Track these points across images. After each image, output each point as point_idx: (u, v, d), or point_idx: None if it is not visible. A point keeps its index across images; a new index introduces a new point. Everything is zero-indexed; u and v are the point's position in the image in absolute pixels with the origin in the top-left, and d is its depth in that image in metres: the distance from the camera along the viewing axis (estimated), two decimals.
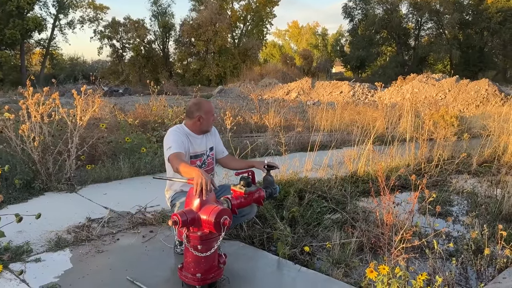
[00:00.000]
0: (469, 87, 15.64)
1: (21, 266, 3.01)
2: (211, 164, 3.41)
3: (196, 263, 2.57)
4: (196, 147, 3.27)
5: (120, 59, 37.28)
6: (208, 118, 3.28)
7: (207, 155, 3.37)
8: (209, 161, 3.38)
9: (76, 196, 4.74)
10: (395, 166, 5.54)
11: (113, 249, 3.37)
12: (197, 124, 3.25)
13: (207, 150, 3.36)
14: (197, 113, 3.23)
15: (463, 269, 3.07)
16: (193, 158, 3.26)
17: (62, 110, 5.02)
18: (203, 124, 3.26)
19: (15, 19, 29.57)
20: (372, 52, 41.54)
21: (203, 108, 3.26)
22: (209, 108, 3.30)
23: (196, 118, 3.23)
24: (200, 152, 3.30)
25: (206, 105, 3.29)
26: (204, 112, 3.24)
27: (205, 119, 3.25)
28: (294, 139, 7.54)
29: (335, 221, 3.80)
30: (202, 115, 3.23)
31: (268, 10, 41.65)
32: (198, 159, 3.29)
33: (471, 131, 8.52)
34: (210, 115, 3.29)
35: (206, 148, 3.36)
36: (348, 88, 20.09)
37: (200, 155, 3.30)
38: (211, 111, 3.31)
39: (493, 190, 4.62)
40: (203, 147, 3.33)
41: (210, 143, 3.41)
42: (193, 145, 3.25)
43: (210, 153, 3.40)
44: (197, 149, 3.28)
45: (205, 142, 3.36)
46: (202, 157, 3.32)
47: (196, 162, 3.26)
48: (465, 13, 37.84)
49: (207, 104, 3.33)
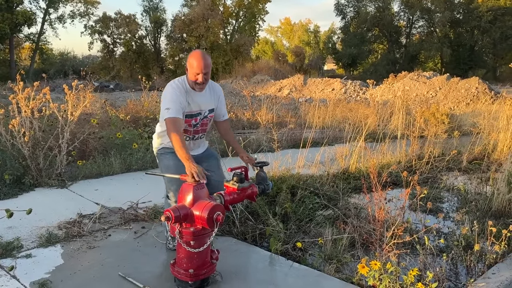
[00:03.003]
0: (460, 85, 15.78)
1: (12, 262, 2.98)
2: (205, 125, 3.16)
3: (189, 258, 2.57)
4: (194, 106, 3.00)
5: (111, 54, 36.96)
6: (190, 72, 2.90)
7: (203, 116, 3.09)
8: (203, 122, 3.11)
9: (67, 192, 4.70)
10: (386, 163, 5.58)
11: (104, 245, 3.35)
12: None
13: (205, 111, 3.09)
14: (186, 66, 2.94)
15: (453, 265, 3.11)
16: (188, 117, 3.01)
17: (53, 105, 4.97)
18: (189, 77, 2.95)
19: (4, 12, 29.14)
20: (364, 50, 41.72)
21: (188, 60, 2.92)
22: (191, 62, 2.88)
23: (186, 71, 2.96)
24: (196, 112, 3.04)
25: (189, 57, 2.91)
26: (188, 65, 2.92)
27: (189, 72, 2.92)
28: (286, 135, 7.55)
29: (327, 217, 3.82)
30: (187, 68, 2.93)
31: (261, 7, 41.54)
32: (193, 118, 3.04)
33: (462, 128, 8.60)
34: (191, 69, 2.89)
35: (205, 109, 3.08)
36: (340, 85, 20.17)
37: (196, 115, 3.05)
38: (192, 65, 2.87)
39: (483, 187, 4.67)
40: (202, 106, 3.05)
41: (211, 104, 3.12)
42: (190, 104, 2.98)
43: (209, 114, 3.13)
44: (194, 108, 3.01)
45: (205, 102, 3.07)
46: (198, 116, 3.07)
47: (190, 121, 3.03)
48: (456, 11, 38.14)
49: (191, 56, 2.91)
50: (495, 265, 3.01)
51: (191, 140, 3.15)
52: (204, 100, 3.06)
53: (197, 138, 3.19)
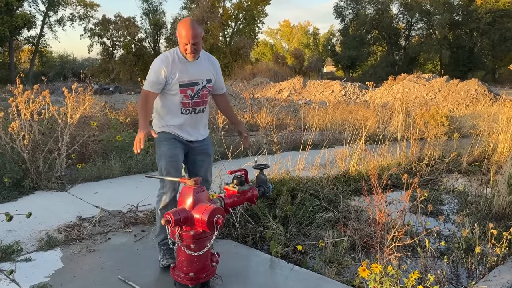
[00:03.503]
0: (459, 87, 15.78)
1: (11, 265, 2.97)
2: (205, 97, 3.06)
3: (189, 262, 2.56)
4: (186, 75, 2.91)
5: (111, 57, 36.97)
6: (180, 43, 2.86)
7: (202, 86, 3.00)
8: (203, 93, 3.01)
9: (66, 195, 4.69)
10: (386, 165, 5.57)
11: (104, 249, 3.34)
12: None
13: (203, 81, 3.00)
14: (177, 33, 2.88)
15: (454, 268, 3.10)
16: (183, 87, 2.93)
17: (53, 108, 4.96)
18: (180, 48, 2.91)
19: (4, 16, 29.14)
20: (363, 52, 41.72)
21: (177, 29, 2.87)
22: (180, 31, 2.83)
23: (177, 37, 2.89)
24: (192, 81, 2.95)
25: (178, 26, 2.86)
26: (177, 34, 2.87)
27: (179, 42, 2.88)
28: (286, 138, 7.54)
29: (327, 220, 3.81)
30: (177, 36, 2.87)
31: (260, 9, 41.58)
32: (189, 88, 2.94)
33: (461, 130, 8.59)
34: (180, 39, 2.84)
35: (202, 78, 2.99)
36: (340, 87, 20.17)
37: (191, 84, 2.95)
38: (181, 35, 2.82)
39: (483, 189, 4.67)
40: (197, 75, 2.96)
41: (207, 74, 3.03)
42: (183, 73, 2.90)
43: (207, 84, 3.04)
44: (186, 77, 2.92)
45: (201, 72, 2.99)
46: (195, 86, 2.96)
47: (186, 91, 2.93)
48: (455, 13, 38.18)
49: (180, 24, 2.85)
50: (496, 268, 3.00)
51: (191, 113, 3.01)
52: (199, 70, 2.98)
53: (199, 112, 3.05)
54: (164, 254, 3.02)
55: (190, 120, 3.02)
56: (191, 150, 3.10)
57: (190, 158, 3.13)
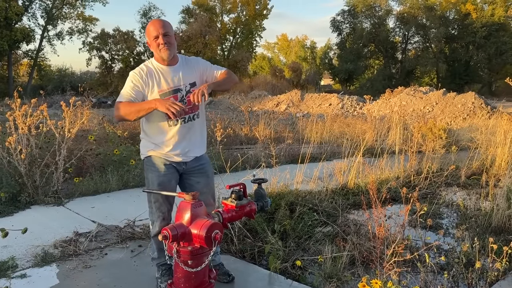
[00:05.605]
0: (456, 100, 15.86)
1: (6, 282, 2.92)
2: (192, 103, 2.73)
3: (186, 278, 2.52)
4: (166, 83, 2.74)
5: (109, 70, 37.15)
6: (151, 43, 2.73)
7: (186, 91, 2.79)
8: (189, 99, 2.67)
9: (63, 210, 4.65)
10: (385, 178, 5.56)
11: (101, 264, 3.30)
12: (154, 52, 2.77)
13: (185, 85, 2.79)
14: (146, 40, 2.78)
15: (455, 283, 3.06)
16: (165, 96, 2.73)
17: (50, 122, 4.95)
18: (154, 51, 2.76)
19: (3, 30, 29.37)
20: (360, 65, 42.10)
21: (146, 32, 2.77)
22: (148, 30, 2.73)
23: (148, 45, 2.78)
24: (173, 88, 2.75)
25: (146, 30, 2.77)
26: (147, 37, 2.77)
27: (150, 45, 2.75)
28: (284, 151, 7.54)
29: (326, 234, 3.78)
30: (148, 41, 2.77)
31: (258, 23, 42.04)
32: (172, 95, 2.74)
33: (459, 143, 8.61)
34: (151, 39, 2.72)
35: (184, 83, 2.79)
36: (337, 100, 20.26)
37: (174, 91, 2.76)
38: (150, 32, 2.71)
39: (482, 203, 4.65)
40: (177, 81, 2.77)
41: (189, 78, 2.82)
42: (160, 81, 2.73)
43: (192, 88, 2.78)
44: (166, 85, 2.74)
45: (181, 76, 2.79)
46: (178, 93, 2.77)
47: (169, 100, 2.66)
48: (451, 27, 38.65)
49: (148, 26, 2.74)
50: (497, 283, 2.97)
51: (181, 124, 2.79)
52: (179, 75, 2.79)
53: (189, 120, 2.82)
54: (162, 274, 2.95)
55: (181, 131, 2.80)
56: (185, 171, 2.91)
57: (185, 180, 2.94)
